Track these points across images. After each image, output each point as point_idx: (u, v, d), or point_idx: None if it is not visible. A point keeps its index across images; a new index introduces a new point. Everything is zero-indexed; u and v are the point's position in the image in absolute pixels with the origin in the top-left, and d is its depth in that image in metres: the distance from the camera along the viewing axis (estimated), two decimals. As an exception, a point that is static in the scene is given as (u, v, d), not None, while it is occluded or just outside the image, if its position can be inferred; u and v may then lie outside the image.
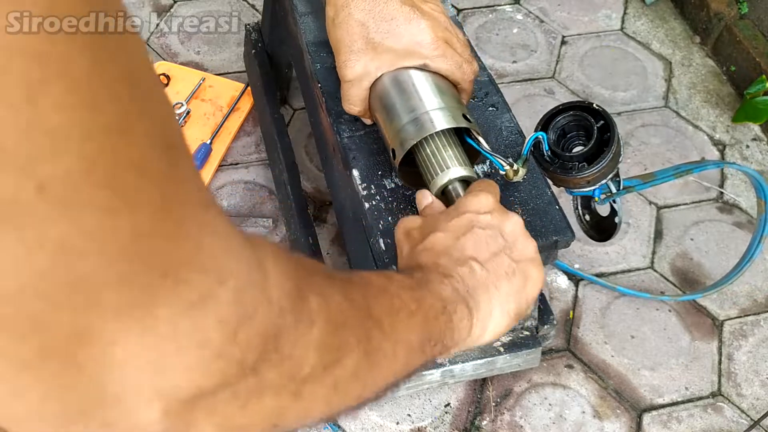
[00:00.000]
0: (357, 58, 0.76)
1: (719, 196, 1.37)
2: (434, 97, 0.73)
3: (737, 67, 1.55)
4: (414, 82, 0.75)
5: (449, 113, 0.72)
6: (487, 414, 1.08)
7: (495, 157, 0.74)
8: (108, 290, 0.26)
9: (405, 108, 0.73)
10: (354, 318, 0.42)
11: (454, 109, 0.73)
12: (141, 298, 0.27)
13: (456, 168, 0.71)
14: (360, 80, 0.77)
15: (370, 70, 0.76)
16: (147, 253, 0.27)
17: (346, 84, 0.78)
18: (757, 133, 1.49)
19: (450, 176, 0.70)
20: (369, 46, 0.75)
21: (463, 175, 0.71)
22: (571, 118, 0.81)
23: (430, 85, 0.74)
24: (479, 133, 0.74)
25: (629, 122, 1.48)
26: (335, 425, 1.05)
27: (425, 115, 0.72)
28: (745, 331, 1.20)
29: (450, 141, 0.73)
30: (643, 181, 0.91)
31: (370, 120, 0.83)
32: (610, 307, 1.21)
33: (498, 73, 1.54)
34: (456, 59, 0.76)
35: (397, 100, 0.74)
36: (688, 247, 1.30)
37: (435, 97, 0.73)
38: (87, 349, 0.26)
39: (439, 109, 0.72)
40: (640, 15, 1.70)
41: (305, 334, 0.35)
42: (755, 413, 1.11)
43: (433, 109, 0.72)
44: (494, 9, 1.68)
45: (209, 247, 0.29)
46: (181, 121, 1.35)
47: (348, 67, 0.76)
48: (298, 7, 0.96)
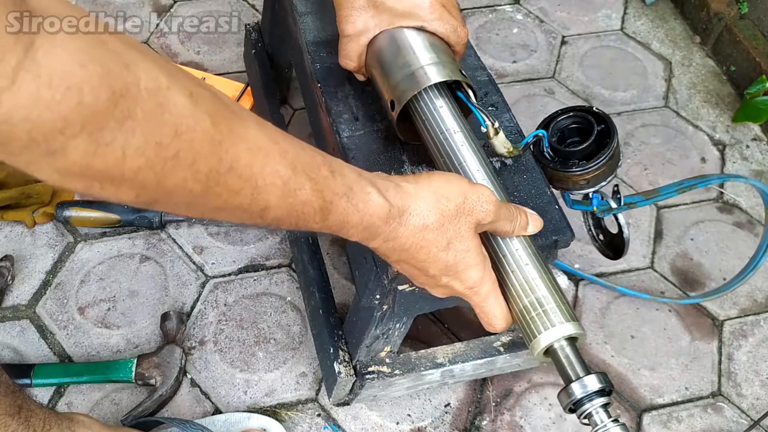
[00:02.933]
0: (358, 14, 0.79)
1: (719, 196, 1.37)
2: (429, 53, 0.77)
3: (737, 67, 1.55)
4: (410, 40, 0.78)
5: (444, 68, 0.76)
6: (487, 414, 1.08)
7: (480, 112, 0.77)
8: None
9: (401, 63, 0.77)
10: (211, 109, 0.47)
11: (449, 64, 0.77)
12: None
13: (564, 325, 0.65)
14: (359, 36, 0.80)
15: (369, 27, 0.80)
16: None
17: (344, 39, 0.82)
18: (757, 133, 1.49)
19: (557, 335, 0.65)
20: (370, 4, 0.79)
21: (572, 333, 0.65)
22: (572, 120, 0.82)
23: (425, 43, 0.78)
24: (472, 88, 0.77)
25: (629, 122, 1.48)
26: (335, 425, 1.05)
27: (420, 70, 0.75)
28: (745, 331, 1.20)
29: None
30: (645, 197, 0.91)
31: (363, 76, 0.86)
32: (610, 307, 1.21)
33: (498, 73, 1.54)
34: (452, 22, 0.80)
35: (394, 56, 0.78)
36: (688, 247, 1.30)
37: (430, 53, 0.77)
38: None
39: (433, 63, 0.76)
40: (640, 15, 1.70)
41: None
42: (755, 413, 1.11)
43: (428, 64, 0.76)
44: (494, 9, 1.68)
45: None
46: (181, 121, 1.35)
47: (349, 22, 0.80)
48: (298, 7, 0.96)
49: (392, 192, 0.60)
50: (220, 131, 0.47)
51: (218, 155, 0.47)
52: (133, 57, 0.43)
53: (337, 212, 0.57)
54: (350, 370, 0.95)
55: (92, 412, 1.03)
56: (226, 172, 0.48)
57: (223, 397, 1.06)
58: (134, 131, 0.42)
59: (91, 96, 0.39)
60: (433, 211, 0.61)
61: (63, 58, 0.38)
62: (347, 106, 0.86)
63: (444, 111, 0.75)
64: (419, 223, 0.61)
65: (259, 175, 0.51)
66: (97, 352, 1.10)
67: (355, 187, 0.58)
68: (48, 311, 1.13)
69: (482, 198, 0.63)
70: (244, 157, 0.49)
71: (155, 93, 0.43)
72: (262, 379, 1.09)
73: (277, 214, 0.54)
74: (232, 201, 0.50)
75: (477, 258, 0.63)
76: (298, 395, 1.08)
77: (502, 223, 0.65)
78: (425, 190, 0.62)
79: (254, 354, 1.11)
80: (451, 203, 0.62)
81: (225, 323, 1.14)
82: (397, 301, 0.83)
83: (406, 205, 0.60)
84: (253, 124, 0.51)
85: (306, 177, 0.54)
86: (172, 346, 1.07)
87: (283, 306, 1.16)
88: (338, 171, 0.58)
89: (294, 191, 0.53)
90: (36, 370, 1.04)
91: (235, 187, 0.49)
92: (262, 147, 0.51)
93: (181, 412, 1.04)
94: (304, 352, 1.12)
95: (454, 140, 0.73)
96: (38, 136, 0.39)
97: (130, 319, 1.13)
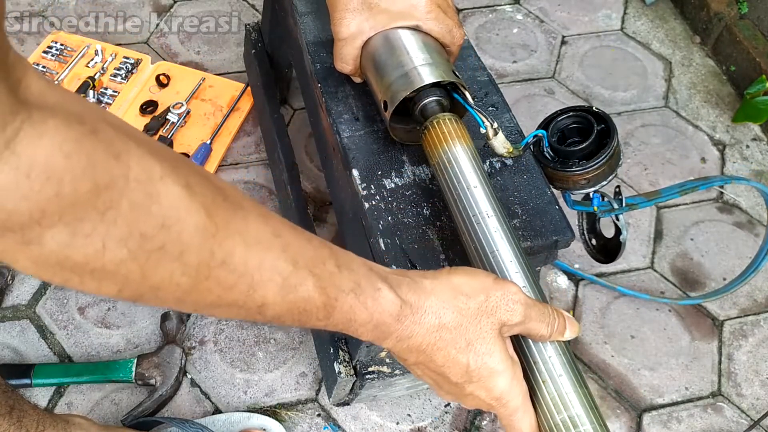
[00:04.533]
0: (353, 16, 0.78)
1: (719, 196, 1.37)
2: (423, 54, 0.76)
3: (737, 67, 1.55)
4: (404, 40, 0.77)
5: (437, 69, 0.75)
6: (487, 414, 1.08)
7: (478, 113, 0.76)
8: None
9: (395, 63, 0.76)
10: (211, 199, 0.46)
11: (442, 65, 0.76)
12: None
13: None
14: (353, 38, 0.79)
15: (364, 29, 0.79)
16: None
17: (339, 42, 0.80)
18: (757, 133, 1.49)
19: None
20: (365, 6, 0.78)
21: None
22: (572, 120, 0.82)
23: (419, 44, 0.77)
24: (466, 89, 0.76)
25: (629, 122, 1.48)
26: (335, 425, 1.05)
27: (414, 70, 0.75)
28: (745, 331, 1.20)
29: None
30: (647, 198, 0.91)
31: (360, 79, 0.85)
32: (610, 307, 1.21)
33: (498, 73, 1.54)
34: (447, 23, 0.79)
35: (387, 56, 0.77)
36: (688, 247, 1.30)
37: (423, 54, 0.76)
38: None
39: (427, 64, 0.75)
40: (640, 15, 1.70)
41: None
42: (755, 413, 1.11)
43: (421, 65, 0.75)
44: (494, 9, 1.68)
45: None
46: (181, 121, 1.35)
47: (343, 25, 0.79)
48: (298, 7, 0.96)
49: (405, 288, 0.56)
50: (215, 223, 0.45)
51: (210, 248, 0.45)
52: (126, 146, 0.42)
53: (342, 310, 0.53)
54: (350, 370, 0.95)
55: (92, 412, 1.03)
56: (217, 266, 0.46)
57: (223, 397, 1.06)
58: (116, 221, 0.41)
59: (71, 186, 0.38)
60: (450, 309, 0.56)
61: (47, 149, 0.38)
62: (347, 106, 0.86)
63: (471, 177, 0.69)
64: (434, 321, 0.56)
65: (256, 270, 0.48)
66: (97, 352, 1.10)
67: (363, 282, 0.54)
68: (48, 311, 1.13)
69: (507, 296, 0.57)
70: (240, 250, 0.47)
71: (145, 183, 0.42)
72: (262, 379, 1.09)
73: (277, 311, 0.50)
74: (226, 297, 0.48)
75: (503, 364, 0.57)
76: (298, 395, 1.08)
77: (534, 325, 0.58)
78: (443, 285, 0.57)
79: (254, 354, 1.11)
80: (471, 301, 0.56)
81: (225, 323, 1.14)
82: (397, 301, 0.82)
83: (420, 301, 0.56)
84: (255, 216, 0.49)
85: (308, 272, 0.51)
86: (172, 346, 1.07)
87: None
88: (346, 265, 0.54)
89: (294, 287, 0.50)
90: (36, 370, 1.04)
91: (229, 282, 0.47)
92: (262, 240, 0.48)
93: (181, 412, 1.04)
94: (304, 352, 1.12)
95: (487, 224, 0.66)
96: (13, 226, 0.38)
97: (130, 319, 1.13)
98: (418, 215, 0.78)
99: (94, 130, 0.40)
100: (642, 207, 0.91)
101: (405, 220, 0.77)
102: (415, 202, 0.79)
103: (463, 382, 0.58)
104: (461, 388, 0.58)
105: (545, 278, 1.23)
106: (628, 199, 0.88)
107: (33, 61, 1.40)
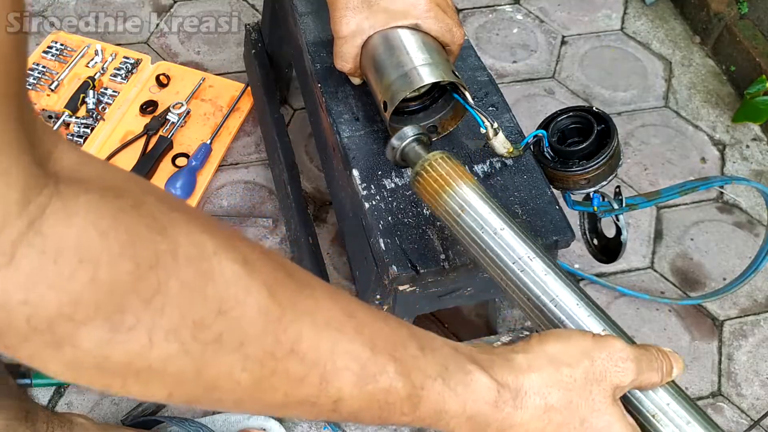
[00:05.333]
0: (353, 15, 0.78)
1: (719, 196, 1.37)
2: (422, 54, 0.76)
3: (737, 67, 1.55)
4: (403, 40, 0.78)
5: (437, 69, 0.75)
6: (487, 414, 1.08)
7: (479, 113, 0.76)
8: None
9: (394, 63, 0.76)
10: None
11: (442, 65, 0.76)
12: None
13: None
14: (353, 37, 0.79)
15: (363, 28, 0.78)
16: None
17: (339, 40, 0.80)
18: (757, 133, 1.49)
19: None
20: (364, 4, 0.78)
21: None
22: (572, 120, 0.82)
23: (419, 43, 0.78)
24: (466, 89, 0.76)
25: (629, 122, 1.48)
26: (335, 426, 1.05)
27: (413, 71, 0.75)
28: (745, 331, 1.20)
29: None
30: (647, 198, 0.91)
31: (359, 79, 0.85)
32: (610, 307, 1.21)
33: (498, 73, 1.54)
34: (447, 22, 0.79)
35: (387, 56, 0.77)
36: (688, 247, 1.30)
37: (423, 53, 0.76)
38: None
39: (426, 64, 0.75)
40: (640, 15, 1.70)
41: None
42: (755, 413, 1.11)
43: (421, 65, 0.75)
44: (494, 9, 1.68)
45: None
46: (181, 121, 1.35)
47: (343, 23, 0.78)
48: (298, 7, 0.96)
49: (498, 368, 0.48)
50: (280, 304, 0.39)
51: (275, 335, 0.38)
52: (173, 218, 0.36)
53: (430, 400, 0.45)
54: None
55: (92, 412, 1.03)
56: (284, 356, 0.39)
57: (223, 397, 1.06)
58: (164, 309, 0.34)
59: (109, 270, 0.32)
60: (555, 386, 0.49)
61: (79, 228, 0.31)
62: (347, 106, 0.86)
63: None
64: (540, 403, 0.48)
65: (329, 358, 0.41)
66: (97, 352, 1.09)
67: (451, 366, 0.46)
68: (48, 311, 1.13)
69: (614, 356, 0.51)
70: (310, 335, 0.40)
71: (197, 261, 0.36)
72: (262, 379, 1.08)
73: (354, 406, 0.43)
74: (295, 393, 0.40)
75: (623, 430, 0.51)
76: (298, 395, 1.07)
77: (646, 377, 0.53)
78: (539, 359, 0.49)
79: (254, 354, 1.11)
80: (576, 371, 0.49)
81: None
82: (397, 301, 0.83)
83: (519, 383, 0.48)
84: (323, 294, 0.42)
85: (389, 357, 0.43)
86: (172, 346, 1.07)
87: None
88: (429, 346, 0.46)
89: (374, 376, 0.43)
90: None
91: (298, 374, 0.40)
92: (333, 322, 0.42)
93: (180, 412, 1.04)
94: (304, 352, 1.11)
95: (533, 269, 0.58)
96: (40, 323, 0.31)
97: (130, 319, 1.13)
98: (418, 215, 0.78)
99: (135, 204, 0.35)
100: (642, 207, 0.91)
101: (405, 220, 0.77)
102: (415, 202, 0.79)
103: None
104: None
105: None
106: (628, 200, 0.88)
107: (33, 61, 1.40)
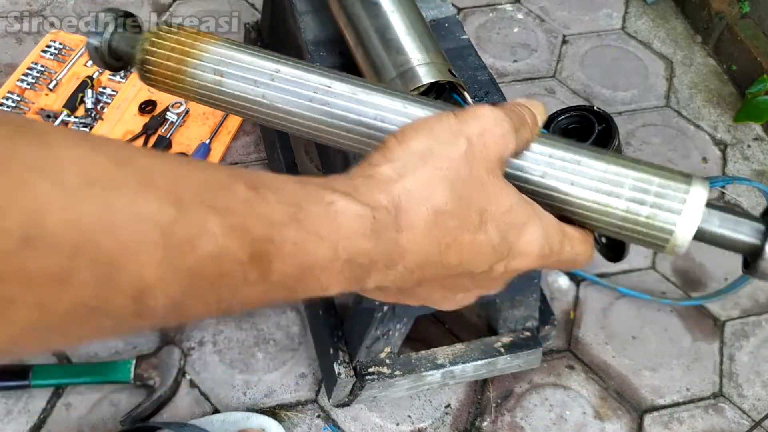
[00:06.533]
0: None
1: (721, 196, 1.37)
2: (421, 54, 0.77)
3: (738, 66, 1.54)
4: (397, 32, 0.78)
5: (435, 68, 0.75)
6: (488, 415, 1.08)
7: None
8: None
9: (392, 62, 0.76)
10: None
11: (439, 65, 0.76)
12: None
13: None
14: None
15: None
16: None
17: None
18: (758, 133, 1.48)
19: None
20: None
21: None
22: (572, 119, 0.81)
23: (416, 43, 0.78)
24: (465, 88, 0.76)
25: (630, 122, 1.47)
26: (335, 426, 1.05)
27: (411, 70, 0.75)
28: (746, 332, 1.20)
29: None
30: None
31: None
32: (611, 308, 1.20)
33: (498, 73, 1.54)
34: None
35: (385, 54, 0.77)
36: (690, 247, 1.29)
37: (421, 53, 0.77)
38: None
39: (425, 64, 0.75)
40: (641, 14, 1.70)
41: None
42: (756, 414, 1.11)
43: (419, 65, 0.75)
44: (495, 8, 1.67)
45: None
46: (180, 121, 1.34)
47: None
48: (298, 6, 0.96)
49: (365, 189, 0.36)
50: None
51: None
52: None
53: (285, 254, 0.32)
54: (350, 371, 0.94)
55: (91, 413, 1.03)
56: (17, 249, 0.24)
57: (223, 398, 1.06)
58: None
59: None
60: (438, 185, 0.37)
61: None
62: (347, 105, 0.86)
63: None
64: (426, 213, 0.36)
65: (101, 234, 0.25)
66: (95, 353, 1.09)
67: (304, 203, 0.33)
68: (47, 312, 1.13)
69: (488, 126, 0.39)
70: (49, 206, 0.25)
71: None
72: (261, 380, 1.08)
73: (170, 293, 0.28)
74: (52, 307, 0.25)
75: (524, 209, 0.40)
76: (297, 396, 1.07)
77: (521, 135, 0.41)
78: (408, 162, 0.37)
79: (254, 355, 1.11)
80: (455, 160, 0.38)
81: (224, 324, 1.13)
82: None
83: (394, 197, 0.36)
84: (72, 142, 0.27)
85: (207, 209, 0.29)
86: (171, 347, 1.06)
87: (283, 307, 1.16)
88: (266, 185, 0.32)
89: (189, 242, 0.28)
90: (35, 371, 1.03)
91: (47, 273, 0.25)
92: (95, 175, 0.26)
93: (180, 414, 1.04)
94: (304, 353, 1.11)
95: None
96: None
97: (129, 319, 1.13)
98: (418, 215, 0.77)
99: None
100: None
101: (405, 220, 0.77)
102: (415, 203, 0.78)
103: (489, 267, 0.40)
104: (487, 276, 0.41)
105: (546, 278, 1.23)
106: None
107: (31, 60, 1.40)
